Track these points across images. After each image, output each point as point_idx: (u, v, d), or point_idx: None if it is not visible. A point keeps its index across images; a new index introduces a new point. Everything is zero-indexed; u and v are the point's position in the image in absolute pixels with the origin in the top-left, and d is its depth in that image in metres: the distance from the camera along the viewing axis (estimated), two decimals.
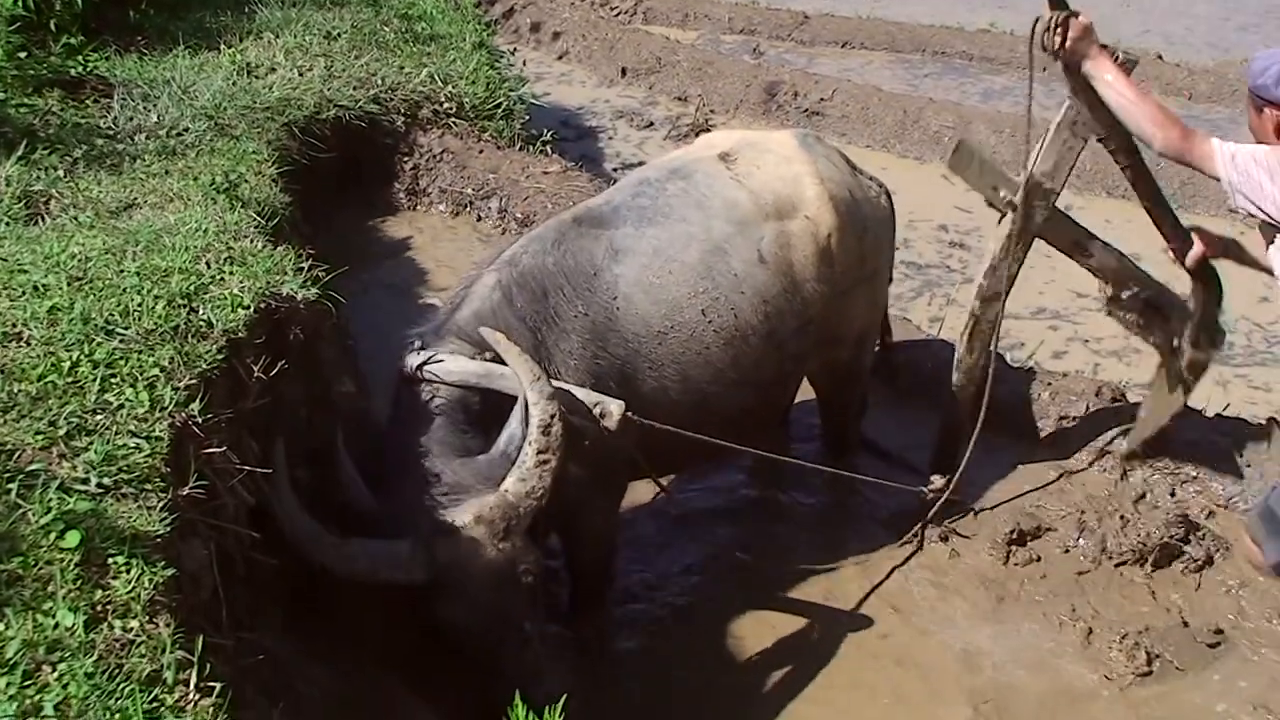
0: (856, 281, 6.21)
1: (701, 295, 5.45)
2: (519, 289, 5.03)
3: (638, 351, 5.26)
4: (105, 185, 6.34)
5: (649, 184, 5.72)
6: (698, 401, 5.44)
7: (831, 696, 5.59)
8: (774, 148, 6.05)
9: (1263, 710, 5.54)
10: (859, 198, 6.19)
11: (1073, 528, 6.61)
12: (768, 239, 5.70)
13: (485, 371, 4.74)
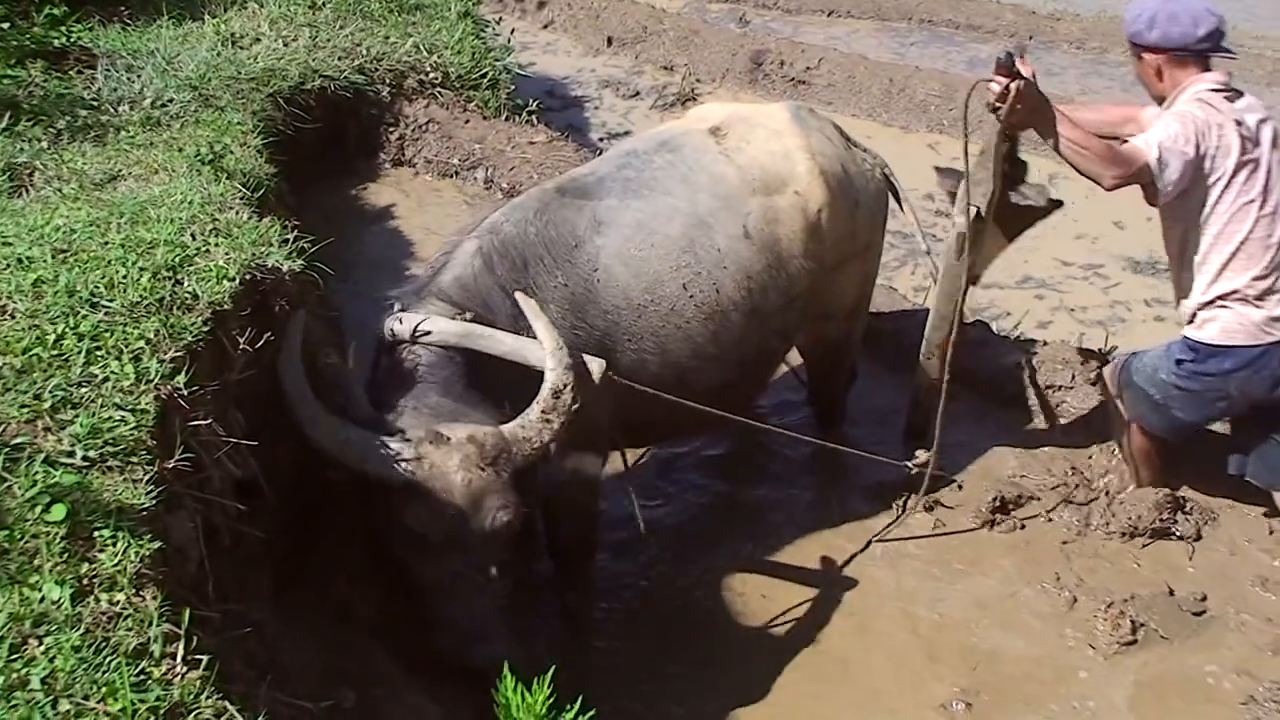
0: (848, 257, 6.21)
1: (683, 269, 5.43)
2: (500, 257, 5.03)
3: (617, 324, 5.25)
4: (89, 157, 6.33)
5: (635, 156, 5.71)
6: (677, 376, 5.44)
7: (820, 663, 5.62)
8: (766, 122, 6.03)
9: (1247, 677, 5.56)
10: (852, 172, 6.17)
11: (1057, 497, 6.64)
12: (754, 214, 5.68)
13: (465, 332, 4.72)
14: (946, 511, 6.61)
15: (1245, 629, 5.88)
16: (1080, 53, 15.21)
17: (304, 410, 4.39)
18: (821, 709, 5.39)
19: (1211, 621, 5.93)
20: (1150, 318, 8.99)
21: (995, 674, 5.61)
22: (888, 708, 5.42)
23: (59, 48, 8.18)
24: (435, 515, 4.33)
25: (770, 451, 6.99)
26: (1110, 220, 10.47)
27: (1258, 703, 5.40)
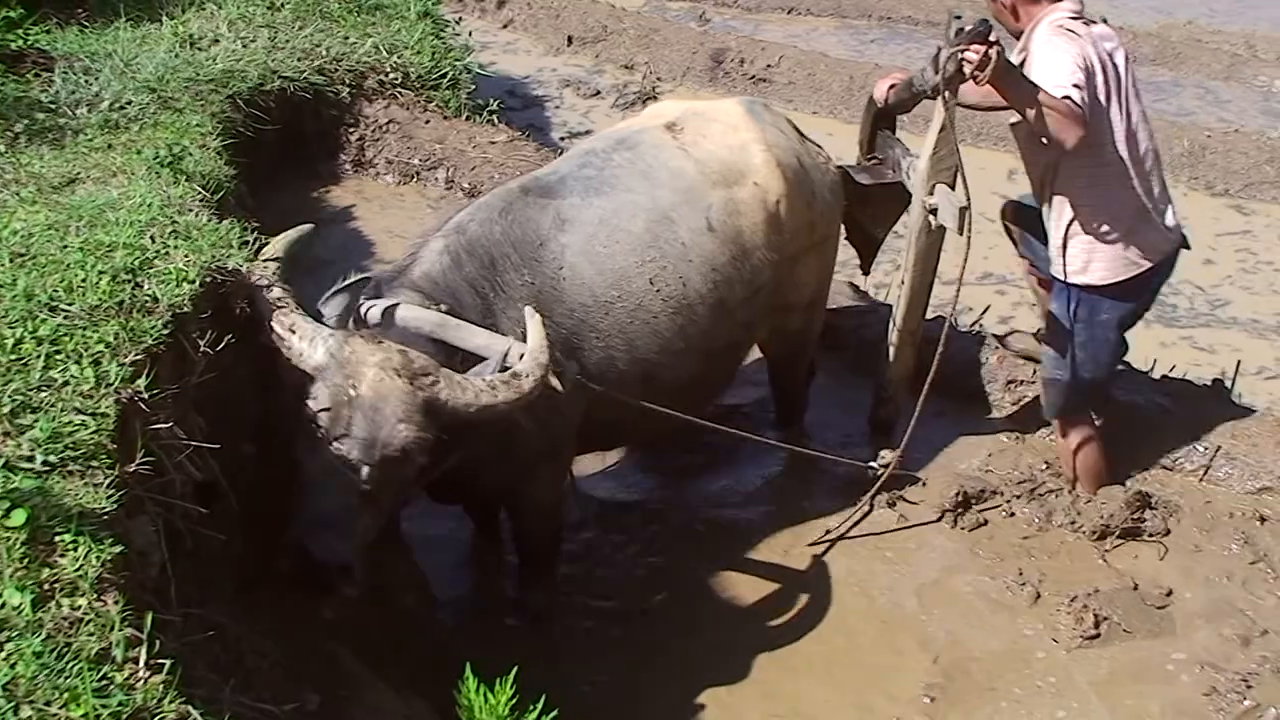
0: (806, 248, 6.25)
1: (649, 264, 5.45)
2: (467, 255, 5.01)
3: (584, 321, 5.25)
4: (47, 160, 6.30)
5: (595, 154, 5.72)
6: (645, 371, 5.44)
7: (789, 659, 5.63)
8: (721, 116, 6.06)
9: (1210, 669, 5.60)
10: (807, 165, 6.22)
11: (1020, 492, 6.67)
12: (716, 207, 5.70)
13: (440, 322, 4.68)
14: (910, 507, 6.64)
15: (1209, 622, 5.92)
16: None
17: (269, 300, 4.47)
18: (789, 703, 5.40)
19: (1175, 615, 5.97)
20: None
21: (959, 668, 5.64)
22: (854, 702, 5.44)
23: (16, 50, 8.13)
24: (333, 398, 4.30)
25: (734, 449, 6.99)
26: None
27: (1220, 694, 5.45)
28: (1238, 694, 5.42)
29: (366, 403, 4.30)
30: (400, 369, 4.35)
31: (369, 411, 4.30)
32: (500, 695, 3.23)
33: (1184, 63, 14.71)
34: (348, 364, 4.33)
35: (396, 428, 4.32)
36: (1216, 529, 6.50)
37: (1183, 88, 14.18)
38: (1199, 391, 7.23)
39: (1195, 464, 6.92)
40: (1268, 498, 6.74)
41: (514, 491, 5.40)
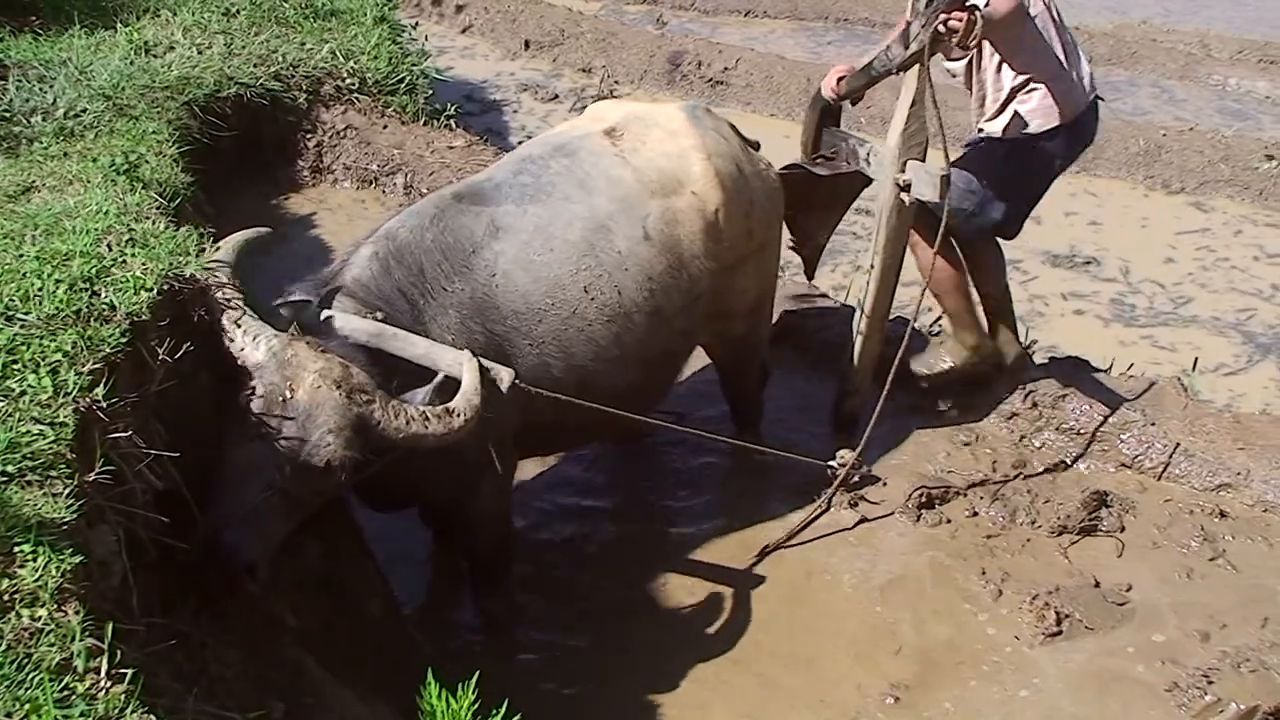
0: (745, 256, 6.23)
1: (584, 273, 5.44)
2: (396, 262, 5.01)
3: (517, 329, 5.25)
4: (2, 169, 6.28)
5: (532, 161, 5.71)
6: (581, 379, 5.43)
7: (751, 657, 5.65)
8: (661, 122, 6.04)
9: (1171, 665, 5.64)
10: (747, 172, 6.19)
11: (982, 492, 6.71)
12: (653, 216, 5.70)
13: (378, 331, 4.67)
14: (871, 507, 6.66)
15: (1169, 618, 5.96)
16: None
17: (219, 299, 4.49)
18: (757, 699, 5.42)
19: (1135, 612, 6.01)
20: (1069, 311, 9.09)
21: (923, 665, 5.66)
22: (819, 699, 5.46)
23: None
24: (266, 397, 4.31)
25: (693, 452, 7.01)
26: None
27: (1181, 690, 5.49)
28: (1199, 689, 5.46)
29: (300, 407, 4.31)
30: (339, 381, 4.36)
31: (301, 417, 4.31)
32: (463, 700, 3.24)
33: (1139, 62, 14.81)
34: (287, 366, 4.34)
35: (325, 438, 4.33)
36: (1176, 525, 6.55)
37: (1138, 87, 14.27)
38: (1158, 389, 7.28)
39: (1155, 461, 6.97)
40: (1227, 494, 6.80)
41: (458, 504, 5.41)
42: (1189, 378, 7.81)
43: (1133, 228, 10.55)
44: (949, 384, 7.40)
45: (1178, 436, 6.98)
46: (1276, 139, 12.17)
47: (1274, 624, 5.86)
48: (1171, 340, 8.75)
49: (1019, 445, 7.21)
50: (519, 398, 4.92)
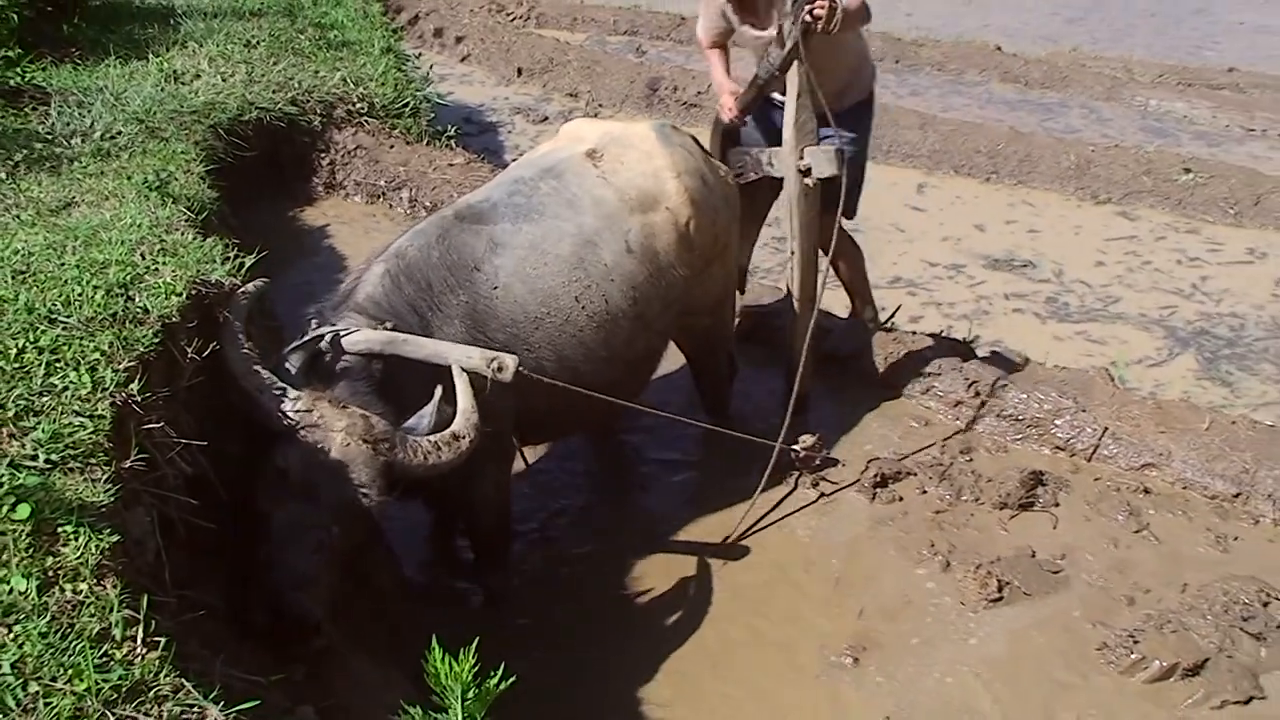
0: (711, 259, 6.31)
1: (575, 284, 5.47)
2: (406, 279, 5.01)
3: (516, 336, 5.26)
4: (45, 186, 6.27)
5: (523, 183, 5.71)
6: (572, 379, 5.41)
7: (725, 622, 5.65)
8: (636, 143, 6.07)
9: (1101, 626, 5.65)
10: (711, 184, 6.26)
11: (930, 472, 6.72)
12: (634, 231, 5.74)
13: (389, 339, 4.68)
14: (831, 486, 6.67)
15: (1098, 584, 5.98)
16: (941, 74, 15.37)
17: (233, 346, 4.42)
18: (727, 660, 5.42)
19: (1069, 579, 6.02)
20: (1009, 309, 9.10)
21: (880, 630, 5.66)
22: (787, 658, 5.46)
23: (15, 87, 8.08)
24: (303, 460, 4.28)
25: (666, 442, 7.01)
26: (972, 224, 10.60)
27: (1110, 648, 5.49)
28: (1125, 648, 5.47)
29: (334, 466, 4.30)
30: (364, 435, 4.36)
31: (336, 475, 4.31)
32: (464, 664, 3.23)
33: (1070, 85, 14.82)
34: (318, 429, 4.32)
35: (361, 492, 4.34)
36: (1104, 501, 6.57)
37: (1069, 108, 14.29)
38: (1089, 379, 7.30)
39: (1085, 444, 6.99)
40: (1150, 473, 6.82)
41: (464, 491, 5.40)
42: (1116, 369, 7.83)
43: (1066, 234, 10.57)
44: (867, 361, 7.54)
45: (1106, 422, 6.99)
46: (1194, 154, 12.20)
47: (1193, 589, 5.88)
48: (1101, 335, 8.76)
49: (964, 430, 7.24)
50: (521, 387, 4.93)
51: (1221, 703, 5.28)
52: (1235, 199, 10.94)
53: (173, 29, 10.72)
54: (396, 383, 4.72)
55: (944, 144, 11.96)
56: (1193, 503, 6.64)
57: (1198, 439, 6.83)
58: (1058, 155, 11.67)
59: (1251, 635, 5.56)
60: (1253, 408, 7.71)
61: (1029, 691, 5.34)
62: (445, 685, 3.25)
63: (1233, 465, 6.68)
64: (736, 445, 6.42)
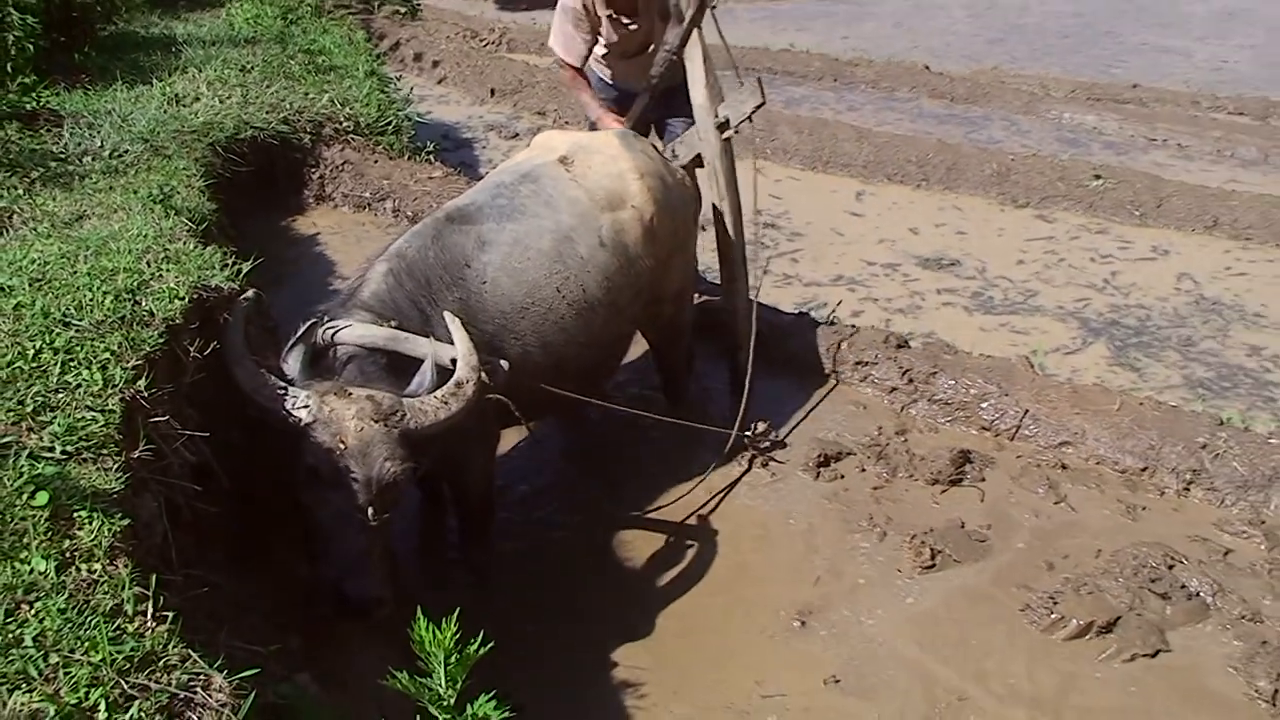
0: (673, 251, 6.37)
1: (555, 276, 5.50)
2: (407, 276, 5.01)
3: (504, 325, 5.27)
4: (59, 201, 6.24)
5: (505, 186, 5.75)
6: (555, 362, 5.48)
7: (688, 595, 5.67)
8: (602, 149, 6.15)
9: (1024, 589, 5.68)
10: (670, 184, 6.34)
11: (869, 452, 6.75)
12: (605, 227, 5.78)
13: (392, 336, 4.69)
14: (780, 466, 6.69)
15: (1020, 552, 6.02)
16: (875, 91, 15.41)
17: (239, 364, 4.36)
18: (691, 620, 5.44)
19: (994, 547, 6.06)
20: (940, 304, 9.12)
21: (824, 592, 5.69)
22: (746, 625, 5.47)
23: (30, 110, 8.02)
24: (328, 454, 4.26)
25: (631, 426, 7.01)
26: (906, 227, 10.63)
27: (1032, 609, 5.53)
28: (1046, 609, 5.50)
29: (355, 452, 4.28)
30: (375, 415, 4.34)
31: (359, 459, 4.28)
32: (446, 631, 3.24)
33: (991, 100, 14.88)
34: (331, 422, 4.29)
35: (385, 466, 4.32)
36: (1026, 476, 6.61)
37: (991, 121, 14.34)
38: (1011, 366, 7.33)
39: (1008, 424, 7.03)
40: (1067, 450, 6.86)
41: (454, 469, 5.40)
42: (1036, 357, 7.87)
43: (990, 235, 10.61)
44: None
45: (1027, 404, 7.03)
46: (1103, 162, 12.26)
47: (1106, 554, 5.92)
48: (1022, 326, 8.80)
49: (899, 414, 7.27)
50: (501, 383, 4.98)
51: (1132, 656, 5.33)
52: (1140, 202, 11.00)
53: (174, 56, 10.67)
54: (405, 363, 4.71)
55: (878, 155, 11.99)
56: (1105, 477, 6.69)
57: (1109, 419, 6.88)
58: (981, 164, 11.72)
59: (1158, 595, 5.62)
60: (1158, 390, 7.76)
61: (959, 648, 5.37)
62: (430, 651, 3.25)
63: (1140, 442, 6.73)
64: (695, 431, 6.46)
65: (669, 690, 5.05)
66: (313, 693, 3.71)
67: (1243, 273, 9.93)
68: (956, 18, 20.44)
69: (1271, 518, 6.35)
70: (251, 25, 12.66)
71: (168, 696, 2.84)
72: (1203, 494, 6.52)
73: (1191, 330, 8.81)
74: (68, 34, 9.92)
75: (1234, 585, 5.76)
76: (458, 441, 4.89)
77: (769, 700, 5.04)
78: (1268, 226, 10.54)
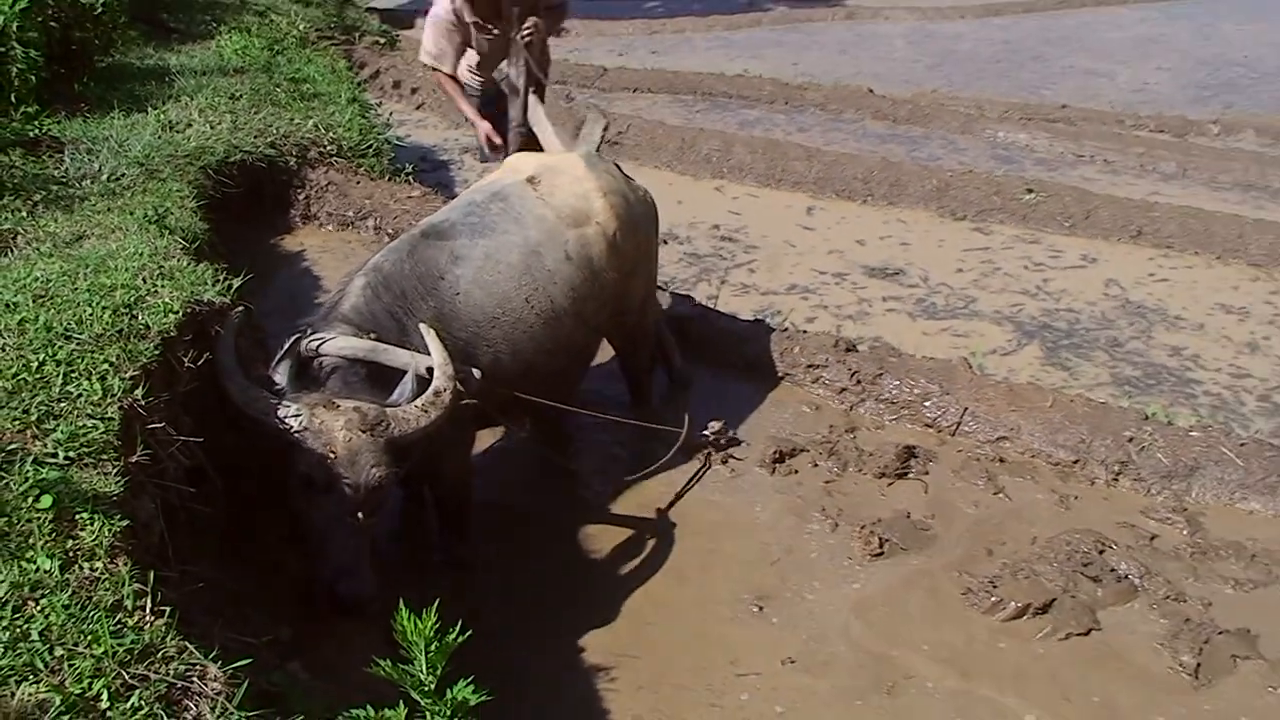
0: (636, 263, 6.39)
1: (524, 288, 5.51)
2: (384, 289, 5.02)
3: (476, 333, 5.28)
4: (60, 222, 6.20)
5: (476, 205, 5.76)
6: (524, 369, 5.49)
7: (656, 583, 5.69)
8: (567, 169, 6.16)
9: (966, 575, 5.72)
10: (632, 201, 6.36)
11: (821, 449, 6.77)
12: (571, 242, 5.79)
13: (373, 348, 4.71)
14: (739, 463, 6.70)
15: (962, 540, 6.06)
16: (823, 113, 15.44)
17: (231, 380, 4.38)
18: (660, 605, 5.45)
19: (938, 535, 6.09)
20: (885, 310, 9.15)
21: (780, 579, 5.71)
22: (708, 609, 5.49)
23: (33, 137, 7.97)
24: (320, 463, 4.30)
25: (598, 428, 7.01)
26: (854, 239, 10.66)
27: (973, 593, 5.57)
28: (986, 592, 5.54)
29: (345, 460, 4.32)
30: (362, 425, 4.38)
31: (348, 466, 4.33)
32: (427, 621, 3.24)
33: (931, 121, 14.94)
34: (321, 432, 4.33)
35: (372, 473, 4.37)
36: (966, 470, 6.64)
37: (931, 140, 14.40)
38: (952, 367, 7.37)
39: (949, 421, 7.06)
40: (1004, 444, 6.90)
41: (433, 470, 5.41)
42: (974, 358, 7.90)
43: (932, 246, 10.64)
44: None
45: (966, 402, 7.07)
46: (1035, 177, 12.32)
47: (1041, 541, 5.96)
48: (962, 330, 8.83)
49: (848, 412, 7.30)
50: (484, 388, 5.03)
51: (1066, 635, 5.37)
52: (1069, 214, 11.07)
53: (168, 85, 10.60)
54: (385, 372, 4.73)
55: (827, 172, 12.01)
56: (1039, 469, 6.73)
57: (1043, 415, 6.92)
58: (922, 180, 11.76)
59: (1090, 578, 5.67)
60: (1088, 388, 7.81)
61: (907, 630, 5.40)
62: (412, 640, 3.25)
63: (1072, 436, 6.78)
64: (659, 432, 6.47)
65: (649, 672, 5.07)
66: (303, 680, 3.71)
67: (1165, 279, 10.02)
68: (897, 46, 20.52)
69: (1193, 505, 6.42)
70: (240, 56, 12.57)
71: (166, 686, 2.84)
72: (1130, 483, 6.58)
73: (1118, 332, 8.88)
74: (68, 66, 9.85)
75: (1159, 568, 5.82)
76: (435, 443, 4.91)
77: (743, 679, 5.07)
78: (1187, 235, 10.63)
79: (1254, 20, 23.20)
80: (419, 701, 3.24)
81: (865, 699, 4.98)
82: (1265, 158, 13.46)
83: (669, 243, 10.25)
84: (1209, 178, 13.00)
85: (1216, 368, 8.35)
